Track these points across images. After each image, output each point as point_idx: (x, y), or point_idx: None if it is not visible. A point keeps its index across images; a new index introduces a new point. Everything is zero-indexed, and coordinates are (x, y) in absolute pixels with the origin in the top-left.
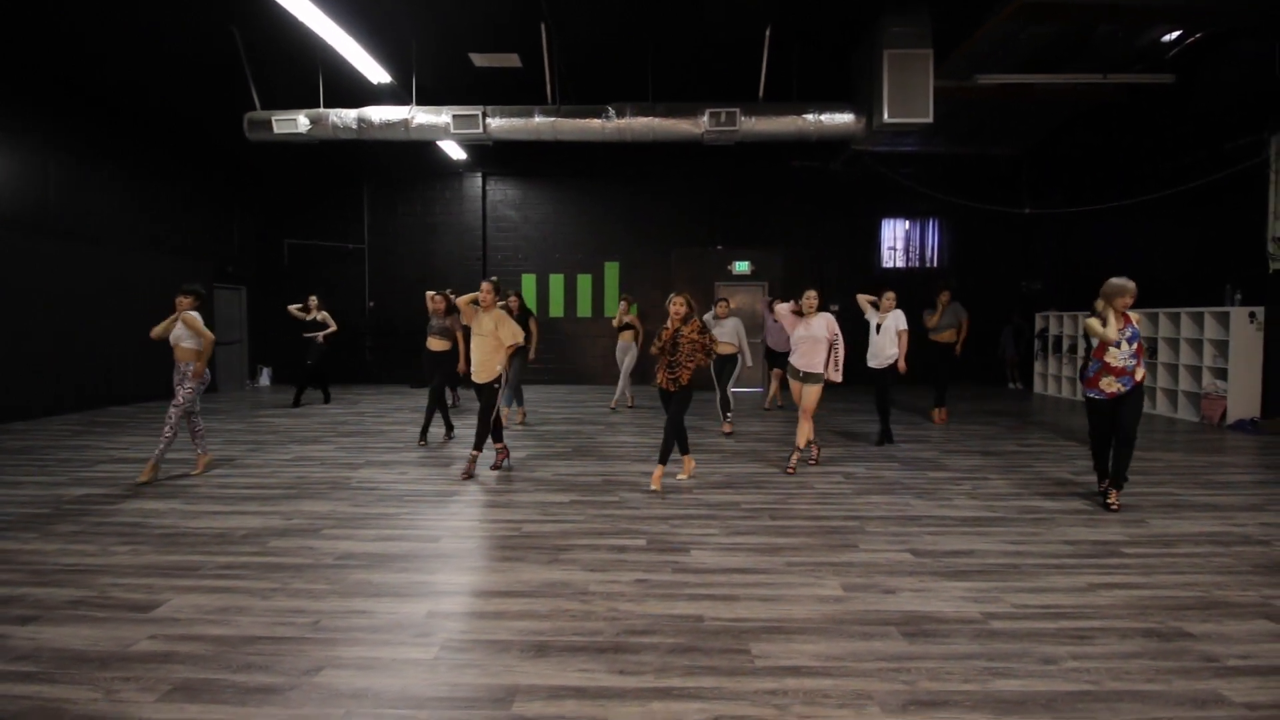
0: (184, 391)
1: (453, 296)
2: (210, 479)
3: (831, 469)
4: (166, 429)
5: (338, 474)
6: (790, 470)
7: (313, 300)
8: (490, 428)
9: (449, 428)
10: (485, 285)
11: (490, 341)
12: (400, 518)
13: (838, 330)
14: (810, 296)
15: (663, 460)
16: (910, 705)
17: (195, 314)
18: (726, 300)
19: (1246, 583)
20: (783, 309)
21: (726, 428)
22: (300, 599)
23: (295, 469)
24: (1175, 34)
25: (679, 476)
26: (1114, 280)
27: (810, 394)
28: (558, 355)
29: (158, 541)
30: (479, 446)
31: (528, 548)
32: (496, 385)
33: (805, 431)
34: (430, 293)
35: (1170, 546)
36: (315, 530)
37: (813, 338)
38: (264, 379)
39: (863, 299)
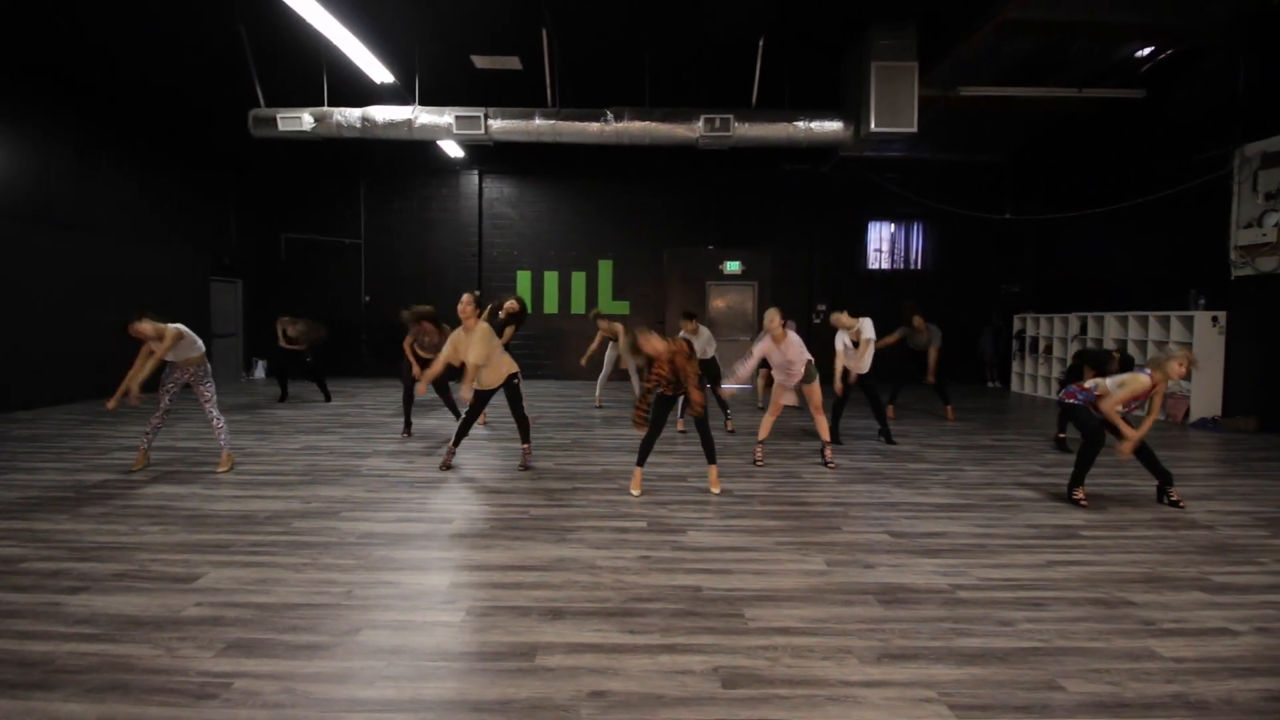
0: (205, 387)
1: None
2: None
3: (817, 460)
4: (217, 423)
5: (347, 462)
6: (832, 465)
7: (284, 320)
8: (524, 421)
9: (408, 424)
10: (466, 297)
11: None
12: (413, 502)
13: (808, 355)
14: (772, 317)
15: (713, 459)
16: (884, 658)
17: (178, 326)
18: (694, 316)
19: (1188, 561)
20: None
21: (730, 425)
22: (331, 572)
23: (306, 457)
24: (1148, 50)
25: (713, 490)
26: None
27: (813, 391)
28: (550, 351)
29: (185, 522)
30: (527, 439)
31: (536, 529)
32: (515, 381)
33: (823, 425)
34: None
35: (1124, 530)
36: (335, 513)
37: (789, 361)
38: (259, 371)
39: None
